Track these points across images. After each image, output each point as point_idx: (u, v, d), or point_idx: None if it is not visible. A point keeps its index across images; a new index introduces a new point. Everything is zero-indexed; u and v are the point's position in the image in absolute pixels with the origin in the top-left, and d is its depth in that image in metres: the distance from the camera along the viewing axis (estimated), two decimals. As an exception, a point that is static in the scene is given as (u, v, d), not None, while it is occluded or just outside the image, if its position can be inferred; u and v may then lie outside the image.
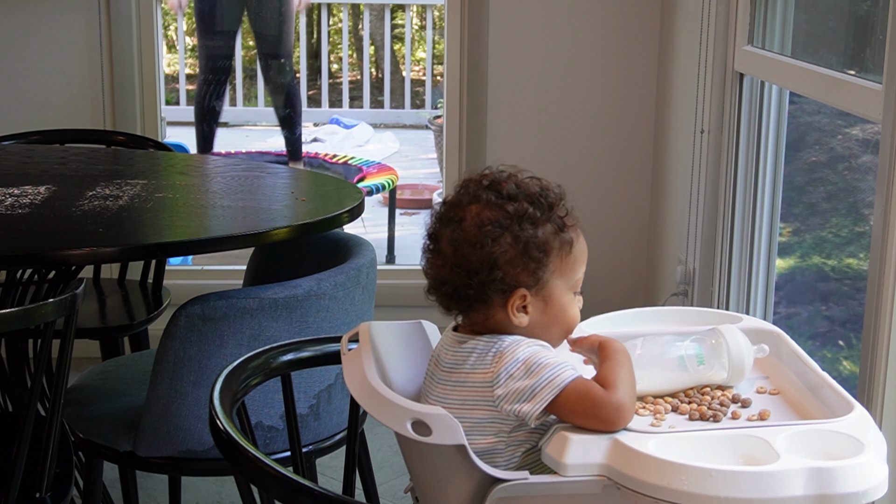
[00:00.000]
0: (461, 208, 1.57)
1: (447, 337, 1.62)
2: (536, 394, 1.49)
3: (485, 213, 1.55)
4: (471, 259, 1.54)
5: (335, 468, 3.13)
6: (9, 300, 2.68)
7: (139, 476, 2.74)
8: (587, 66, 3.92)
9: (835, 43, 2.80)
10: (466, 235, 1.55)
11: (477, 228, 1.54)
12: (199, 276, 4.19)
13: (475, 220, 1.55)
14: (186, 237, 2.42)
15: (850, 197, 2.91)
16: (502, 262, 1.54)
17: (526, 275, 1.55)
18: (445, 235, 1.57)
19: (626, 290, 3.99)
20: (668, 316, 1.89)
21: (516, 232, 1.54)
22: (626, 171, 3.97)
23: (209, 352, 2.23)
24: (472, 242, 1.54)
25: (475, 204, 1.56)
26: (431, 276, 1.60)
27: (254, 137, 7.70)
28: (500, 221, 1.54)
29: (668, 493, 1.38)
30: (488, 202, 1.56)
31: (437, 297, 1.60)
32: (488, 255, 1.53)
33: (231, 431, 1.50)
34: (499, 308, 1.56)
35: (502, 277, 1.54)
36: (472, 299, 1.56)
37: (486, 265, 1.54)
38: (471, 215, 1.56)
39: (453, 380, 1.57)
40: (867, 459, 1.41)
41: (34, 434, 2.06)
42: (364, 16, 8.18)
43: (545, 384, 1.49)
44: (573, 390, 1.49)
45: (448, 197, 1.61)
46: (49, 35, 3.92)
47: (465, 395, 1.55)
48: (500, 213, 1.55)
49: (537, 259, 1.55)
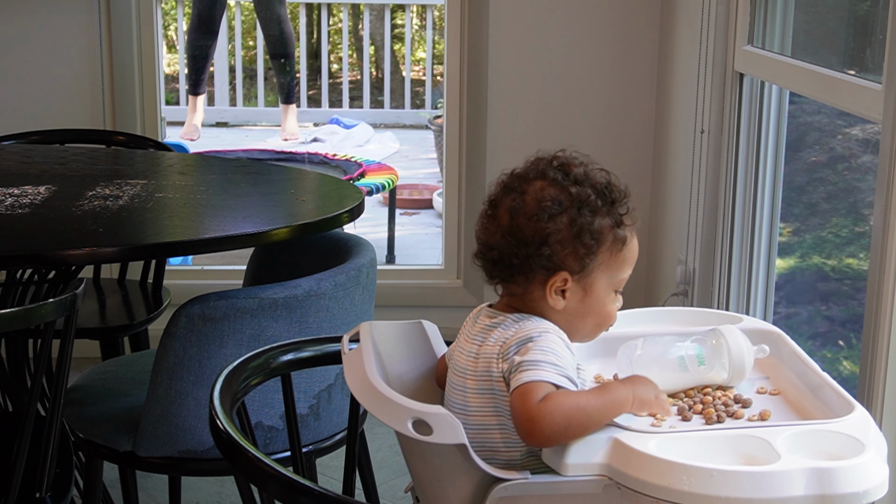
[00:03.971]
0: (526, 181, 1.59)
1: (481, 312, 1.63)
2: (520, 371, 1.49)
3: (548, 190, 1.57)
4: (524, 230, 1.56)
5: (335, 468, 3.13)
6: (9, 300, 2.68)
7: (139, 476, 2.74)
8: (587, 66, 3.92)
9: (835, 43, 2.80)
10: (525, 207, 1.56)
11: (536, 203, 1.56)
12: (199, 276, 4.19)
13: (537, 195, 1.57)
14: (186, 237, 2.42)
15: (850, 197, 2.91)
16: (553, 240, 1.55)
17: (573, 259, 1.56)
18: (505, 203, 1.58)
19: (626, 290, 3.98)
20: (668, 316, 1.89)
21: (573, 215, 1.56)
22: (626, 171, 3.91)
23: (209, 352, 2.23)
24: (528, 215, 1.56)
25: (541, 180, 1.58)
26: (483, 240, 1.61)
27: (254, 137, 7.70)
28: (560, 201, 1.56)
29: (669, 493, 1.38)
30: (554, 181, 1.58)
31: (482, 261, 1.61)
32: (541, 230, 1.55)
33: (231, 431, 1.50)
34: (538, 285, 1.57)
35: (549, 255, 1.55)
36: (515, 269, 1.57)
37: (537, 239, 1.55)
38: (534, 189, 1.57)
39: (475, 351, 1.58)
40: (868, 460, 1.41)
41: (34, 434, 2.06)
42: (364, 16, 8.18)
43: (529, 368, 1.49)
44: (526, 389, 1.47)
45: (516, 168, 1.62)
46: (49, 35, 3.92)
47: (479, 366, 1.56)
48: (562, 193, 1.57)
49: (588, 246, 1.56)
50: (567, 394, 1.48)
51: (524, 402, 1.47)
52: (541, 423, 1.45)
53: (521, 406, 1.47)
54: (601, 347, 1.77)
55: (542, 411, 1.45)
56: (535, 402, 1.46)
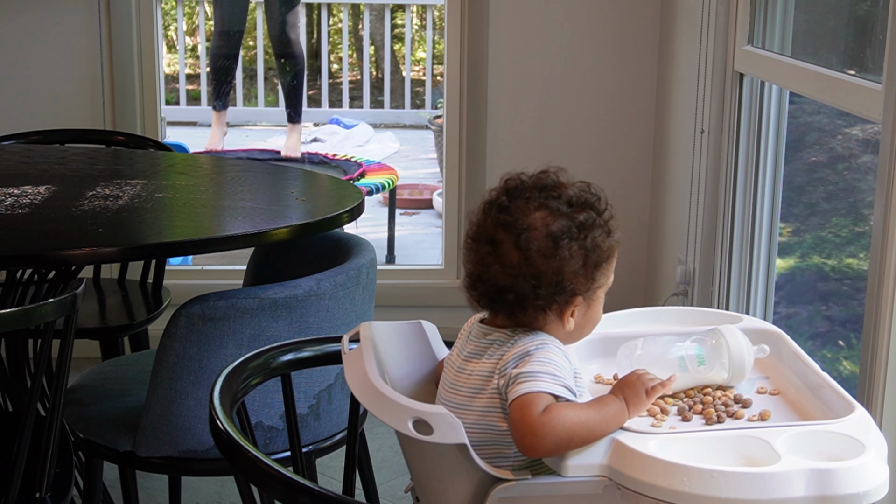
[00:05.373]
0: (526, 214, 1.55)
1: (474, 328, 1.62)
2: (518, 383, 1.49)
3: (557, 223, 1.54)
4: (540, 269, 1.53)
5: (335, 468, 3.13)
6: (9, 300, 2.68)
7: (139, 476, 2.74)
8: (587, 66, 3.92)
9: (835, 43, 2.80)
10: (538, 244, 1.53)
11: (550, 239, 1.53)
12: (199, 276, 4.19)
13: (547, 231, 1.53)
14: (186, 237, 2.42)
15: (850, 197, 2.91)
16: (569, 271, 1.53)
17: (584, 282, 1.55)
18: (509, 241, 1.54)
19: (626, 290, 3.98)
20: (668, 316, 1.89)
21: (583, 242, 1.54)
22: (626, 171, 3.97)
23: (209, 352, 2.23)
24: (544, 253, 1.53)
25: (541, 211, 1.55)
26: (485, 278, 1.56)
27: (254, 137, 7.70)
28: (571, 232, 1.54)
29: (669, 494, 1.38)
30: (557, 211, 1.55)
31: (485, 300, 1.57)
32: (559, 266, 1.53)
33: (231, 431, 1.50)
34: (552, 314, 1.56)
35: (570, 288, 1.54)
36: (533, 307, 1.55)
37: (556, 276, 1.53)
38: (540, 223, 1.54)
39: (469, 369, 1.58)
40: (868, 460, 1.41)
41: (34, 434, 2.05)
42: (364, 16, 8.18)
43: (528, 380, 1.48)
44: (525, 400, 1.46)
45: (503, 200, 1.57)
46: (49, 35, 3.92)
47: (473, 383, 1.56)
48: (570, 222, 1.54)
49: (598, 266, 1.56)
50: (568, 406, 1.47)
51: (524, 415, 1.45)
52: (544, 437, 1.44)
53: (521, 419, 1.46)
54: (601, 347, 1.77)
55: (546, 425, 1.44)
56: (535, 414, 1.45)
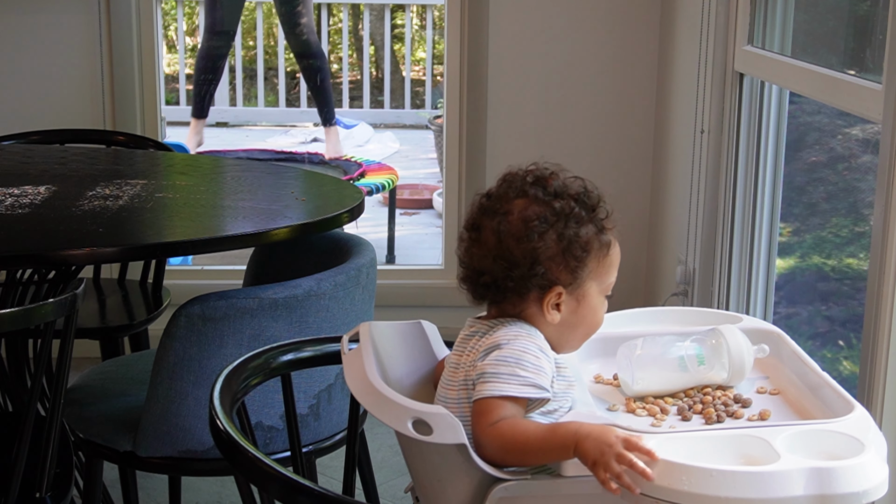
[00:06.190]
0: (507, 201, 1.58)
1: (466, 323, 1.64)
2: (481, 382, 1.51)
3: (532, 209, 1.56)
4: (514, 252, 1.55)
5: (335, 468, 3.13)
6: (9, 300, 2.68)
7: (139, 476, 2.74)
8: (587, 66, 3.92)
9: (835, 43, 2.80)
10: (512, 228, 1.56)
11: (523, 223, 1.56)
12: (199, 276, 4.19)
13: (521, 215, 1.56)
14: (186, 237, 2.42)
15: (850, 197, 2.91)
16: (544, 258, 1.55)
17: (565, 272, 1.56)
18: (489, 226, 1.58)
19: (626, 290, 3.98)
20: (668, 316, 1.89)
21: (561, 229, 1.55)
22: (626, 171, 3.97)
23: (209, 352, 2.23)
24: (517, 236, 1.55)
25: (522, 198, 1.58)
26: (468, 264, 1.60)
27: (254, 137, 7.70)
28: (546, 217, 1.56)
29: (669, 494, 1.38)
30: (535, 198, 1.57)
31: (470, 286, 1.61)
32: (532, 250, 1.55)
33: (231, 431, 1.50)
34: (533, 303, 1.57)
35: (543, 273, 1.55)
36: (510, 291, 1.57)
37: (528, 259, 1.55)
38: (517, 209, 1.57)
39: (455, 362, 1.59)
40: (867, 459, 1.41)
41: (34, 434, 2.06)
42: (364, 16, 8.18)
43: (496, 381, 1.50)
44: (482, 407, 1.50)
45: (491, 189, 1.62)
46: (49, 35, 3.92)
47: (460, 377, 1.57)
48: (546, 209, 1.56)
49: (578, 258, 1.56)
50: (516, 424, 1.48)
51: (477, 422, 1.50)
52: (483, 448, 1.48)
53: (475, 424, 1.50)
54: (601, 347, 1.77)
55: (487, 437, 1.48)
56: (485, 425, 1.48)
